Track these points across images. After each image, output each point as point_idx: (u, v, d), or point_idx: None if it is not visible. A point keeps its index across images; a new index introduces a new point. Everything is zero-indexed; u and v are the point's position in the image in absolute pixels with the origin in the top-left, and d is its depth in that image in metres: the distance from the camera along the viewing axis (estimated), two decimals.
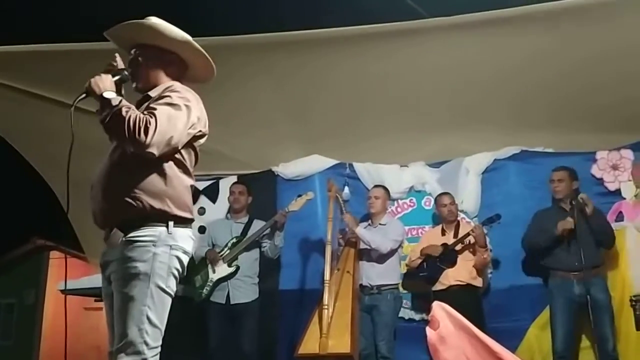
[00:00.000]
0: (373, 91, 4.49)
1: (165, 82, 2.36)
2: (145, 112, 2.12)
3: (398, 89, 4.43)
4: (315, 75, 4.29)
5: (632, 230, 4.48)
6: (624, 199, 4.63)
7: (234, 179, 5.37)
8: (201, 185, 5.50)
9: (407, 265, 4.88)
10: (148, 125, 2.06)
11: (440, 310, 2.63)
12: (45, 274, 12.94)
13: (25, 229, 12.37)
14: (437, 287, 4.57)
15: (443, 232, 4.78)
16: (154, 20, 2.33)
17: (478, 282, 4.60)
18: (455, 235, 4.66)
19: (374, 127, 4.90)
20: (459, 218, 4.85)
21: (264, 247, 4.86)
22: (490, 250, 4.71)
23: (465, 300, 4.31)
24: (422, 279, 4.68)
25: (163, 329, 2.14)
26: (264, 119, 4.84)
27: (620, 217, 4.57)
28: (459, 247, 4.61)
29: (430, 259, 4.64)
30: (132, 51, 2.37)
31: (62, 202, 5.33)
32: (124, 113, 2.06)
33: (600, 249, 4.33)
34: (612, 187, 4.69)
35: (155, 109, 2.13)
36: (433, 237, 4.81)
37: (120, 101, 2.11)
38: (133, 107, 2.15)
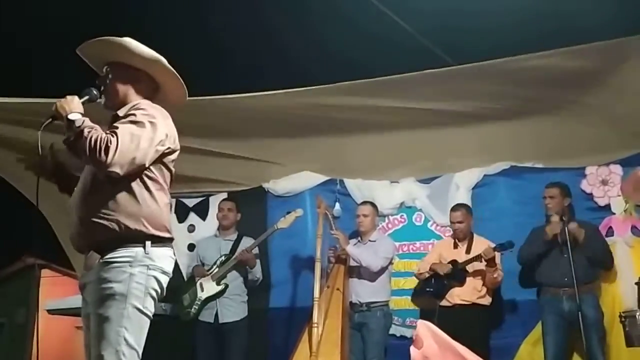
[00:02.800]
0: (364, 108, 4.50)
1: (135, 100, 2.33)
2: (108, 132, 2.11)
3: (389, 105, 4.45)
4: (309, 93, 4.32)
5: (622, 246, 4.47)
6: (614, 214, 4.61)
7: (224, 195, 5.36)
8: (191, 203, 5.48)
9: (415, 276, 4.81)
10: (109, 144, 2.05)
11: (424, 329, 2.60)
12: (36, 292, 12.79)
13: (16, 247, 12.27)
14: (444, 303, 4.51)
15: (455, 245, 4.66)
16: (125, 38, 2.32)
17: (485, 301, 4.48)
18: (468, 250, 4.55)
19: (365, 143, 4.91)
20: (472, 232, 4.70)
21: (249, 275, 4.83)
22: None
23: (469, 319, 4.29)
24: (429, 294, 4.62)
25: (140, 350, 2.10)
26: (255, 136, 4.85)
27: (610, 233, 4.56)
28: (469, 267, 4.48)
29: (438, 277, 4.56)
30: (104, 69, 2.36)
31: (50, 222, 5.31)
32: (85, 133, 2.07)
33: (592, 265, 4.30)
34: (601, 202, 4.68)
35: (117, 127, 2.13)
36: (444, 250, 4.69)
37: (84, 122, 2.11)
38: (97, 127, 2.14)
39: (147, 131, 2.16)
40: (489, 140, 4.76)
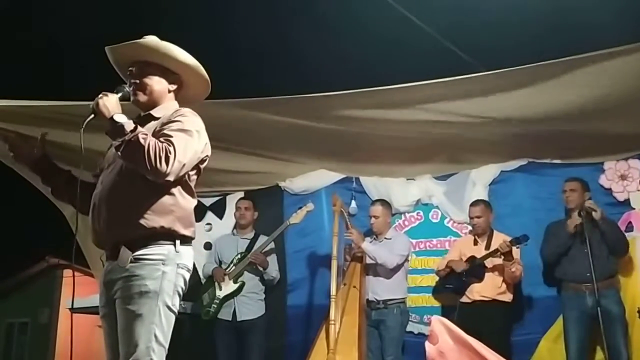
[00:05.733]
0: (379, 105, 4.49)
1: (167, 100, 2.38)
2: (162, 140, 2.12)
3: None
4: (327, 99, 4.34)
5: None
6: (633, 209, 4.56)
7: (241, 194, 5.39)
8: (208, 202, 5.52)
9: (435, 273, 4.82)
10: (169, 154, 2.08)
11: (439, 324, 2.60)
12: (59, 292, 12.96)
13: (39, 248, 12.44)
14: (464, 299, 4.50)
15: (475, 242, 4.64)
16: (167, 43, 2.34)
17: (506, 297, 4.44)
18: (488, 246, 4.52)
19: (380, 141, 4.90)
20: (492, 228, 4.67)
21: (264, 275, 4.87)
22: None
23: (489, 315, 4.28)
24: (449, 291, 4.62)
25: (167, 347, 2.14)
26: (272, 136, 4.88)
27: (629, 228, 4.50)
28: (488, 262, 4.45)
29: (457, 273, 4.55)
30: (133, 67, 2.36)
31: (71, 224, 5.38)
32: (142, 141, 2.06)
33: (612, 258, 4.25)
34: (621, 197, 4.63)
35: (171, 136, 2.14)
36: (465, 247, 4.68)
37: (137, 127, 2.11)
38: (147, 132, 2.14)
39: (194, 140, 2.22)
40: (505, 136, 4.73)
